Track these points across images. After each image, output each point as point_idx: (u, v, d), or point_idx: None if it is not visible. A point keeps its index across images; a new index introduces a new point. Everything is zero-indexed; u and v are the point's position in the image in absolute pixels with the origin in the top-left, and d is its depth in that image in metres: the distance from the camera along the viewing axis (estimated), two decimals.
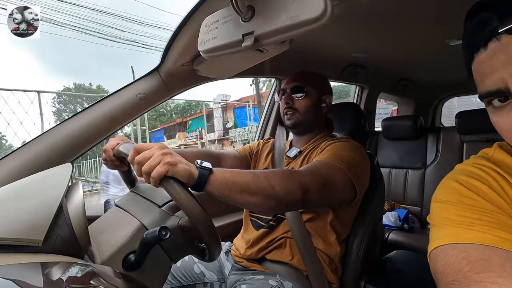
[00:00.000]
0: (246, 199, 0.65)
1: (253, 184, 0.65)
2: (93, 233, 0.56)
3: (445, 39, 1.29)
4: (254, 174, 0.67)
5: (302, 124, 1.02)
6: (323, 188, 0.76)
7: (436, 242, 0.40)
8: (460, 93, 2.73)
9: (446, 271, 0.36)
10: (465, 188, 0.42)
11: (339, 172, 0.80)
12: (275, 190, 0.67)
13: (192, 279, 0.96)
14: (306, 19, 0.43)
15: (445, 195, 0.44)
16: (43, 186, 0.54)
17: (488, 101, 0.39)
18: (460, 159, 1.86)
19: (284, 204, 0.70)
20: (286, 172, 0.73)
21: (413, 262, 1.26)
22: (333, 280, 0.92)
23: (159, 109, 16.66)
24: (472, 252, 0.35)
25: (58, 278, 0.41)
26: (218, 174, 0.62)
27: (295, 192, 0.69)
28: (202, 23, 0.58)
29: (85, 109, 0.94)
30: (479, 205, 0.40)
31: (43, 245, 0.47)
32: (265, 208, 0.70)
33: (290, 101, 1.01)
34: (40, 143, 0.87)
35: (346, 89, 14.86)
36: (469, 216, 0.39)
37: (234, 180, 0.63)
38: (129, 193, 0.75)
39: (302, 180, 0.72)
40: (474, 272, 0.33)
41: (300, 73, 1.06)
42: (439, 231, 0.41)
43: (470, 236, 0.37)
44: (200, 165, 0.61)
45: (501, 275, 0.32)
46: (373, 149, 2.19)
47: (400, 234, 1.73)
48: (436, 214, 0.43)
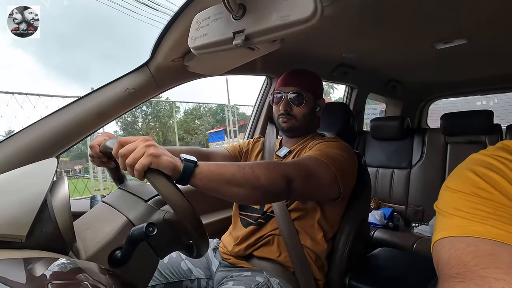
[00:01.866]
0: (232, 190, 0.66)
1: (238, 175, 0.66)
2: (78, 229, 0.55)
3: (432, 42, 1.33)
4: (239, 166, 0.68)
5: (297, 129, 1.02)
6: (307, 179, 0.77)
7: (442, 233, 0.38)
8: (446, 96, 2.81)
9: (451, 263, 0.35)
10: (482, 180, 0.39)
11: (325, 167, 0.82)
12: (260, 180, 0.68)
13: (179, 276, 0.96)
14: (296, 19, 0.43)
15: (459, 184, 0.41)
16: (27, 181, 0.53)
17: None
18: (444, 159, 1.92)
19: (270, 194, 0.72)
20: (271, 163, 0.75)
21: (397, 259, 1.30)
22: (319, 276, 0.94)
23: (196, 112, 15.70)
24: (481, 246, 0.34)
25: (42, 274, 0.40)
26: (203, 167, 0.63)
27: (279, 182, 0.71)
28: (193, 20, 0.58)
29: (72, 103, 0.92)
30: (495, 199, 0.37)
31: (26, 240, 0.46)
32: (251, 199, 0.71)
33: (288, 108, 0.99)
34: (24, 137, 0.85)
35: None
36: (483, 210, 0.37)
37: (219, 172, 0.64)
38: (117, 190, 0.74)
39: (286, 170, 0.74)
40: (480, 267, 0.32)
41: (297, 75, 1.02)
42: (447, 221, 0.39)
43: (482, 230, 0.35)
44: (185, 158, 0.61)
45: (508, 272, 0.30)
46: (361, 148, 2.23)
47: (385, 232, 1.78)
48: (446, 203, 0.41)
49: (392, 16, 1.06)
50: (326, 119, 1.20)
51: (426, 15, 1.05)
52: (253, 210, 0.99)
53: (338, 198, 0.88)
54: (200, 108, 15.73)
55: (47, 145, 0.86)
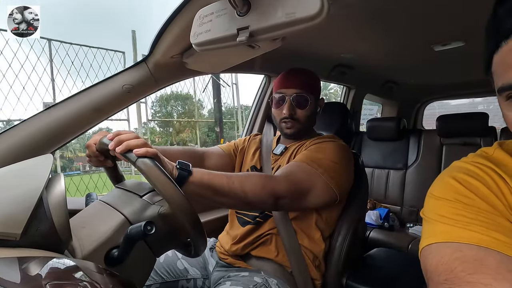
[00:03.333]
0: (220, 200, 0.70)
1: (227, 187, 0.69)
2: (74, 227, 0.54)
3: (431, 44, 1.33)
4: (230, 178, 0.71)
5: (300, 132, 1.00)
6: (296, 196, 0.80)
7: (429, 239, 0.39)
8: (442, 98, 2.83)
9: (439, 270, 0.35)
10: (463, 187, 0.40)
11: (317, 178, 0.82)
12: (247, 196, 0.72)
13: (175, 275, 0.95)
14: (302, 16, 0.43)
15: (442, 192, 0.42)
16: (22, 177, 0.51)
17: (507, 95, 0.36)
18: (440, 160, 1.94)
19: (256, 208, 0.76)
20: (260, 179, 0.76)
21: (393, 260, 1.30)
22: (316, 276, 0.93)
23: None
24: (466, 252, 0.35)
25: (37, 274, 0.39)
26: (196, 176, 0.66)
27: (266, 200, 0.74)
28: (195, 15, 0.57)
29: (68, 98, 0.90)
30: (475, 205, 0.39)
31: (21, 239, 0.44)
32: (238, 208, 0.77)
33: (292, 112, 0.95)
34: (19, 132, 0.83)
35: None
36: (465, 215, 0.38)
37: (209, 182, 0.68)
38: (114, 189, 0.73)
39: (276, 187, 0.76)
40: (467, 273, 0.33)
41: (298, 76, 0.98)
42: (432, 228, 0.40)
43: (466, 235, 0.36)
44: (181, 167, 0.65)
45: (495, 277, 0.31)
46: (358, 148, 2.24)
47: (381, 232, 1.79)
48: (431, 211, 0.42)
49: (392, 18, 1.06)
50: (324, 119, 1.20)
51: (425, 16, 1.05)
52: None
53: (335, 201, 0.88)
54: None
55: (42, 141, 0.84)
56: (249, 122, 1.62)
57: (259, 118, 1.59)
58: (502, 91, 0.36)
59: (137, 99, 1.01)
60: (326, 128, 1.25)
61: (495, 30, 0.37)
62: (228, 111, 9.50)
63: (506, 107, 0.38)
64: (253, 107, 1.63)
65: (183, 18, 0.79)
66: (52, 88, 3.82)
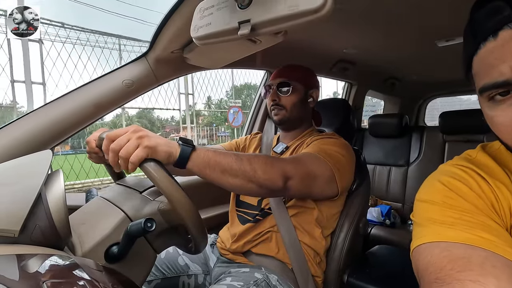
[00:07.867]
0: (227, 180, 0.66)
1: (235, 165, 0.66)
2: (73, 224, 0.54)
3: (434, 40, 1.32)
4: (238, 156, 0.67)
5: (289, 120, 1.01)
6: (305, 178, 0.76)
7: (419, 240, 0.40)
8: (445, 94, 2.81)
9: (429, 269, 0.37)
10: (447, 188, 0.43)
11: (324, 166, 0.81)
12: (257, 174, 0.67)
13: (176, 271, 0.95)
14: (305, 9, 0.41)
15: (428, 194, 0.45)
16: (20, 174, 0.51)
17: (488, 95, 0.37)
18: (442, 158, 1.92)
19: (264, 189, 0.70)
20: (269, 158, 0.73)
21: (395, 257, 1.30)
22: (317, 273, 0.93)
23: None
24: (454, 250, 0.36)
25: (36, 271, 0.39)
26: (200, 152, 0.63)
27: (276, 178, 0.70)
28: (196, 8, 0.56)
29: (67, 93, 0.89)
30: (459, 205, 0.41)
31: (20, 235, 0.44)
32: (245, 190, 0.71)
33: (276, 98, 1.00)
34: (17, 128, 0.82)
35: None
36: (451, 216, 0.40)
37: (216, 159, 0.64)
38: (115, 185, 0.72)
39: (285, 168, 0.73)
40: (456, 271, 0.34)
41: (286, 68, 1.03)
42: (422, 230, 0.42)
43: (453, 234, 0.38)
44: (183, 142, 0.62)
45: (481, 273, 0.33)
46: (359, 145, 2.23)
47: (382, 229, 1.78)
48: (420, 213, 0.44)
49: (394, 13, 1.05)
50: (326, 115, 1.19)
51: (429, 11, 1.03)
52: (250, 206, 0.97)
53: (335, 196, 0.87)
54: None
55: (41, 136, 0.83)
56: (249, 120, 1.61)
57: (260, 115, 1.58)
58: (483, 91, 0.38)
59: (138, 95, 1.00)
60: (328, 125, 1.24)
61: (473, 33, 0.38)
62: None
63: (487, 107, 0.39)
64: (254, 104, 1.61)
65: (183, 13, 0.77)
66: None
